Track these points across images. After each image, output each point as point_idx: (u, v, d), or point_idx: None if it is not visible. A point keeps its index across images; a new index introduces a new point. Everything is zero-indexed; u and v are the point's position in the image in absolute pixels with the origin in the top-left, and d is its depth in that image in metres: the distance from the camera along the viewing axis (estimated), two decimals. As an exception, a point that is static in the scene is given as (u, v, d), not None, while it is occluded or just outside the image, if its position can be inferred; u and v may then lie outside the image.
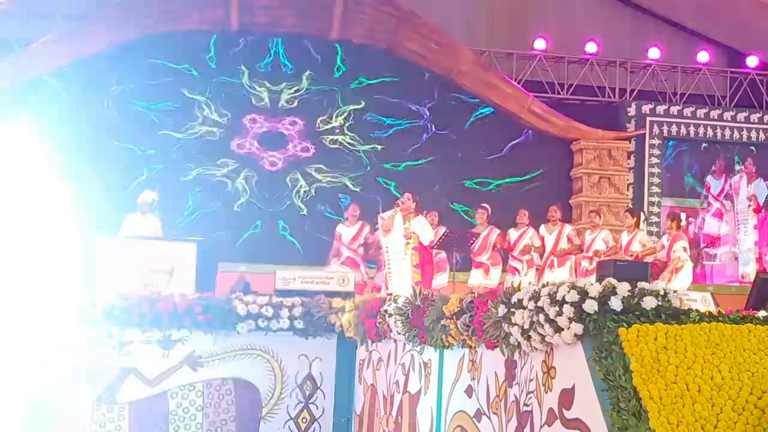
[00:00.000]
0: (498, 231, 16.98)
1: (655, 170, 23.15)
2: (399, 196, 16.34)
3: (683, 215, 17.83)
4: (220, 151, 21.54)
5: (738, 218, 22.75)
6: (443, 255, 16.39)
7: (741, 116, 23.63)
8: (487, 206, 17.36)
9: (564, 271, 16.86)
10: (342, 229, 17.02)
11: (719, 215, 23.16)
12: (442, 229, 15.96)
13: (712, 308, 7.08)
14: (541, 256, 17.22)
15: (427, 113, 22.39)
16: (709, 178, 23.35)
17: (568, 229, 17.52)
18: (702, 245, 23.07)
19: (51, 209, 20.44)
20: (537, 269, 17.15)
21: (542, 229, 17.37)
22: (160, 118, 21.28)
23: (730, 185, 23.35)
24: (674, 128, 23.32)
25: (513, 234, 17.20)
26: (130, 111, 21.14)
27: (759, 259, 21.27)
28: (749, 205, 22.13)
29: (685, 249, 16.39)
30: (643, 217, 18.42)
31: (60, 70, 20.82)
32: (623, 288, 6.09)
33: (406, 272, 14.69)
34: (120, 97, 21.15)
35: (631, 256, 16.63)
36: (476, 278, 16.49)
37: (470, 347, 7.87)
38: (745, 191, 22.89)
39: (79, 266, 12.07)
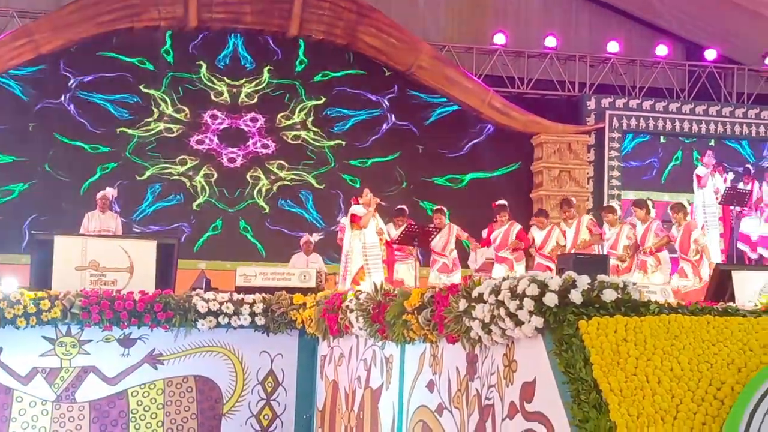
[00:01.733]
0: (519, 226, 16.95)
1: (615, 163, 23.27)
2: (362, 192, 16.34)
3: (697, 201, 17.72)
4: (180, 147, 21.45)
5: (705, 211, 22.84)
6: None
7: (699, 109, 23.79)
8: (505, 203, 17.28)
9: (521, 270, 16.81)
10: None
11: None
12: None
13: (672, 300, 7.10)
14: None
15: (387, 104, 22.38)
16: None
17: (586, 219, 17.33)
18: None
19: (8, 206, 20.33)
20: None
21: (562, 225, 17.32)
22: (118, 114, 21.20)
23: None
24: (633, 121, 23.45)
25: (538, 235, 17.06)
26: (88, 108, 21.04)
27: (724, 251, 21.38)
28: (716, 198, 22.24)
29: (704, 234, 16.37)
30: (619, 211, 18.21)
31: (17, 68, 20.68)
32: (583, 281, 6.10)
33: (381, 268, 14.81)
34: (77, 94, 21.03)
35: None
36: (499, 272, 16.51)
37: (432, 342, 7.86)
38: (711, 183, 23.00)
39: (37, 264, 11.97)
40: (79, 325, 10.75)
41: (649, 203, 16.95)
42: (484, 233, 17.61)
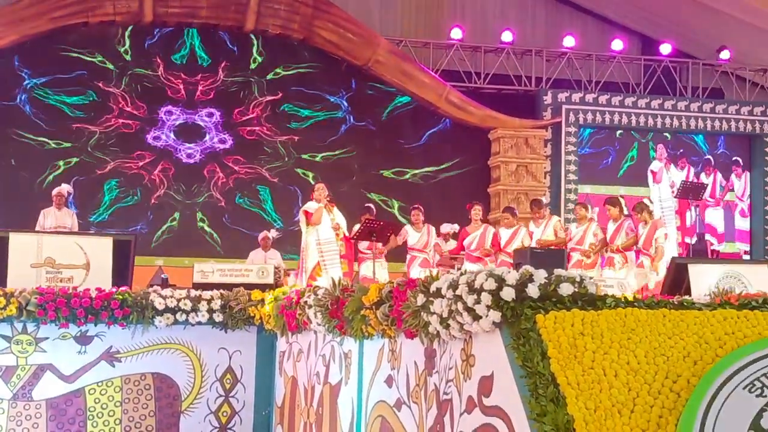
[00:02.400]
0: (494, 230, 17.06)
1: (572, 158, 23.38)
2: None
3: (648, 202, 17.86)
4: (136, 143, 21.37)
5: (662, 205, 23.02)
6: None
7: (655, 103, 23.93)
8: (479, 206, 17.37)
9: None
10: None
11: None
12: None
13: (628, 293, 7.14)
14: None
15: (345, 104, 22.39)
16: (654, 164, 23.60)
17: (555, 220, 17.56)
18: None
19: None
20: None
21: (531, 225, 17.46)
22: (74, 111, 21.07)
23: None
24: (590, 116, 23.57)
25: (504, 233, 17.12)
26: (44, 104, 20.91)
27: (681, 244, 21.56)
28: (672, 192, 22.42)
29: (666, 236, 16.49)
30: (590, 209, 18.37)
31: (-29, 64, 20.54)
32: (540, 275, 6.12)
33: (338, 263, 14.84)
34: (33, 91, 20.88)
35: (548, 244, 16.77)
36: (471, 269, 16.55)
37: (390, 337, 7.86)
38: (666, 177, 23.19)
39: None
40: (35, 323, 10.68)
41: (622, 201, 17.08)
42: (453, 243, 17.61)
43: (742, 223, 23.67)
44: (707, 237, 21.78)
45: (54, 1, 20.77)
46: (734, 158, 24.17)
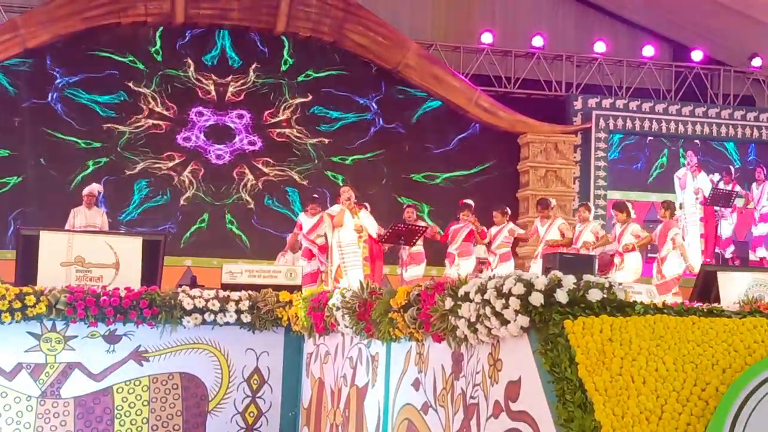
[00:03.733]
0: (471, 227, 17.19)
1: (601, 163, 23.31)
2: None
3: (677, 203, 17.93)
4: (166, 144, 21.43)
5: (685, 211, 22.93)
6: (421, 248, 16.66)
7: (686, 110, 23.84)
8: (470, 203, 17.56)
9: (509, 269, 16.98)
10: (303, 219, 17.02)
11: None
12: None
13: (657, 300, 7.12)
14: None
15: (375, 107, 22.40)
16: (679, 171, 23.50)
17: (560, 221, 17.69)
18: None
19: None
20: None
21: (537, 222, 17.71)
22: (105, 111, 21.16)
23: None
24: (620, 122, 23.49)
25: (492, 231, 17.48)
26: (75, 104, 21.02)
27: (704, 251, 21.45)
28: (696, 198, 22.34)
29: (677, 235, 16.55)
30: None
31: (4, 63, 20.63)
32: (569, 280, 6.10)
33: (360, 265, 14.88)
34: (64, 91, 20.99)
35: (585, 247, 16.87)
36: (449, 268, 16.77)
37: (417, 340, 7.87)
38: (691, 184, 23.08)
39: (22, 260, 11.95)
40: (64, 321, 10.74)
41: (629, 206, 17.14)
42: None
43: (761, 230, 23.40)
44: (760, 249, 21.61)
45: (87, 1, 20.86)
46: (758, 164, 23.96)
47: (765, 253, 21.59)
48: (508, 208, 18.21)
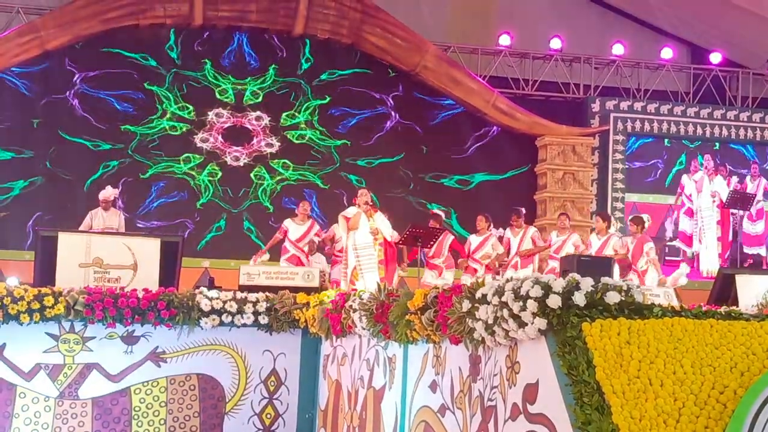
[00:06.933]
0: (452, 237, 17.17)
1: (619, 166, 23.25)
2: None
3: (646, 216, 17.85)
4: (184, 145, 21.45)
5: (702, 215, 22.86)
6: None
7: (704, 112, 23.75)
8: (440, 212, 17.55)
9: (527, 273, 16.91)
10: (290, 225, 17.00)
11: (690, 213, 23.19)
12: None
13: (675, 303, 7.11)
14: (499, 264, 17.28)
15: (393, 109, 22.39)
16: (684, 177, 23.41)
17: (532, 231, 17.57)
18: (671, 242, 23.07)
19: (12, 203, 20.35)
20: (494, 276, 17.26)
21: (507, 232, 17.46)
22: (123, 112, 21.19)
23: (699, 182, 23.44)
24: (638, 124, 23.43)
25: (474, 240, 17.25)
26: (93, 106, 21.04)
27: (721, 255, 21.41)
28: (713, 201, 22.28)
29: (651, 249, 16.50)
30: (614, 222, 18.45)
31: (22, 64, 20.69)
32: (587, 283, 6.10)
33: (375, 268, 14.89)
34: (82, 92, 21.03)
35: None
36: (429, 278, 16.63)
37: (434, 342, 7.87)
38: (708, 188, 23.01)
39: (41, 261, 12.00)
40: (82, 322, 10.78)
41: (645, 219, 17.10)
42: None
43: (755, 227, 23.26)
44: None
45: (107, 2, 20.91)
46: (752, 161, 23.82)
47: None
48: (522, 209, 18.08)
